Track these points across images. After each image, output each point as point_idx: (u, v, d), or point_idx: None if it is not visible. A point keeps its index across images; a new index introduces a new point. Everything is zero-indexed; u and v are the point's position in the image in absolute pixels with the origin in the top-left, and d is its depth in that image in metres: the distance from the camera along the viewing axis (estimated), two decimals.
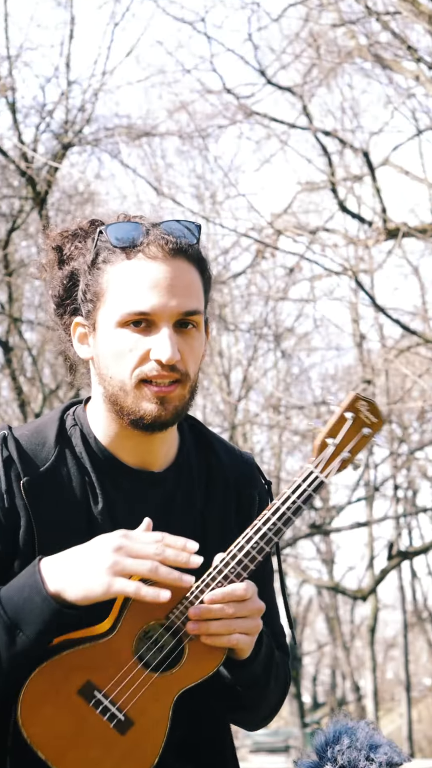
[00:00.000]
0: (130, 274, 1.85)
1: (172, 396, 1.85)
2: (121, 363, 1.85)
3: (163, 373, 1.83)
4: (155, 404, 1.84)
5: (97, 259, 1.89)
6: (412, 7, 9.78)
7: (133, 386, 1.84)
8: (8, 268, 14.06)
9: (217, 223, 13.77)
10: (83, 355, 1.94)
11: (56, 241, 1.98)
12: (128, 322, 1.84)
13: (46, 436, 1.91)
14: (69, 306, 1.96)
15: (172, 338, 1.83)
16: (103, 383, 1.89)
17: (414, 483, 23.05)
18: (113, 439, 1.92)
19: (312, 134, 12.71)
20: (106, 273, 1.87)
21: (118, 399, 1.87)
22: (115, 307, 1.85)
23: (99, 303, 1.88)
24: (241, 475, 2.04)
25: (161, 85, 15.14)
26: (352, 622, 32.44)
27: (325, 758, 1.62)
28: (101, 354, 1.88)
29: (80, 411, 1.97)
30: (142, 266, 1.85)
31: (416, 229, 11.20)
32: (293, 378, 21.54)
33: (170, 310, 1.84)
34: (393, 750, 1.61)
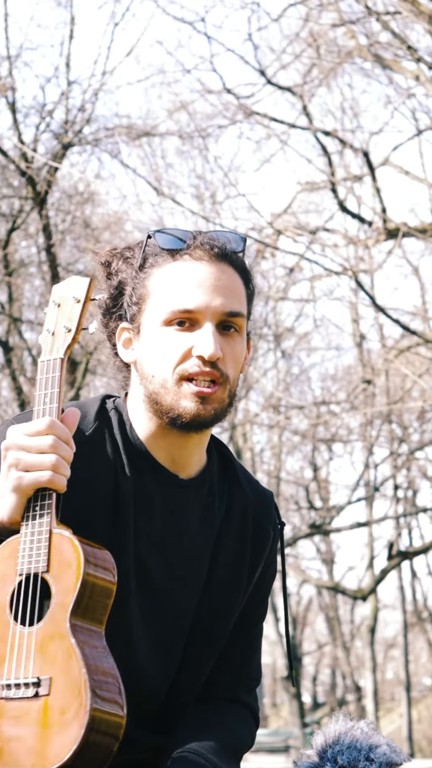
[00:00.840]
0: (176, 274, 1.88)
1: (212, 397, 1.87)
2: (164, 360, 1.87)
3: (205, 370, 1.85)
4: (195, 403, 1.86)
5: (144, 264, 1.92)
6: (412, 7, 9.78)
7: (174, 383, 1.86)
8: (8, 268, 14.07)
9: (217, 223, 13.76)
10: (127, 359, 1.96)
11: (105, 257, 2.00)
12: (172, 320, 1.87)
13: (87, 411, 1.95)
14: (115, 313, 1.98)
15: (215, 335, 1.85)
16: (144, 383, 1.91)
17: (414, 483, 23.05)
18: (148, 435, 1.94)
19: (312, 134, 12.72)
20: (152, 276, 1.90)
21: (158, 397, 1.88)
22: (159, 307, 1.88)
23: (144, 305, 1.91)
24: (260, 509, 2.05)
25: (161, 85, 15.16)
26: (352, 622, 32.45)
27: (324, 758, 1.62)
28: (144, 354, 1.91)
29: (120, 401, 2.00)
30: (187, 267, 1.88)
31: (416, 229, 11.20)
32: (293, 378, 21.56)
33: (214, 309, 1.86)
34: (392, 750, 1.61)
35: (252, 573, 2.03)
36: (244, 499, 2.03)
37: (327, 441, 19.80)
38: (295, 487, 23.54)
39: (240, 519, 2.01)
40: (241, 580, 2.00)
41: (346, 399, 16.91)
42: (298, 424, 17.97)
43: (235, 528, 2.00)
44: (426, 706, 32.83)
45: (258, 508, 2.05)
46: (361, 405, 16.38)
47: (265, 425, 19.83)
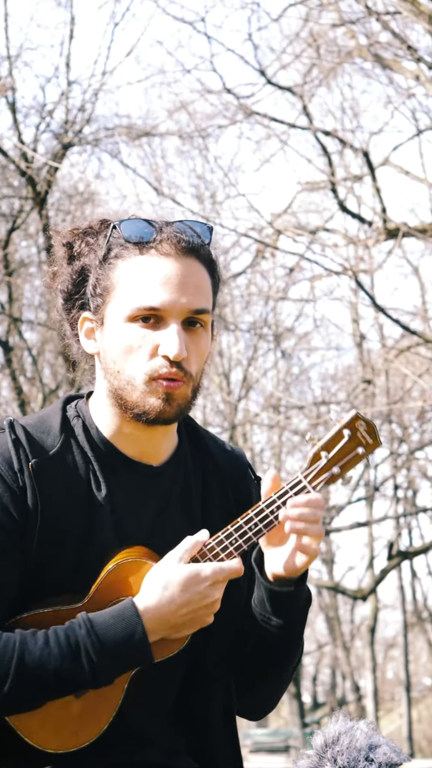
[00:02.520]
0: (141, 270, 1.86)
1: (176, 393, 1.86)
2: (130, 358, 1.86)
3: (171, 371, 1.85)
4: (160, 400, 1.86)
5: (109, 254, 1.89)
6: (412, 7, 9.79)
7: (142, 382, 1.86)
8: (8, 268, 14.07)
9: (217, 223, 13.74)
10: (89, 349, 1.95)
11: (66, 238, 1.97)
12: (137, 317, 1.85)
13: (50, 425, 1.93)
14: (77, 301, 1.96)
15: (180, 335, 1.84)
16: (108, 377, 1.90)
17: (414, 483, 23.05)
18: (115, 432, 1.94)
19: (312, 134, 12.72)
20: (117, 268, 1.88)
21: (124, 393, 1.88)
22: (124, 301, 1.86)
23: (108, 297, 1.89)
24: (235, 471, 2.07)
25: (161, 85, 15.17)
26: (352, 622, 32.45)
27: (324, 759, 1.62)
28: (108, 348, 1.89)
29: (82, 404, 1.99)
30: (153, 262, 1.86)
31: (416, 229, 11.20)
32: (293, 378, 21.56)
33: (180, 307, 1.85)
34: (392, 750, 1.61)
35: None
36: (219, 467, 2.04)
37: None
38: None
39: (219, 487, 2.03)
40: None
41: (346, 399, 16.92)
42: (298, 424, 17.97)
43: (217, 498, 2.02)
44: (426, 706, 32.84)
45: (233, 471, 2.06)
46: (361, 405, 16.38)
47: (265, 425, 19.82)
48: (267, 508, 1.85)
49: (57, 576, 1.84)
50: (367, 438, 1.90)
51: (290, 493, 1.86)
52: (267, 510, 1.85)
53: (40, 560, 1.84)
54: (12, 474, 1.84)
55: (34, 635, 1.76)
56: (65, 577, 1.85)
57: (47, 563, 1.84)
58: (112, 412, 1.93)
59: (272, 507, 1.85)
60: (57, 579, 1.84)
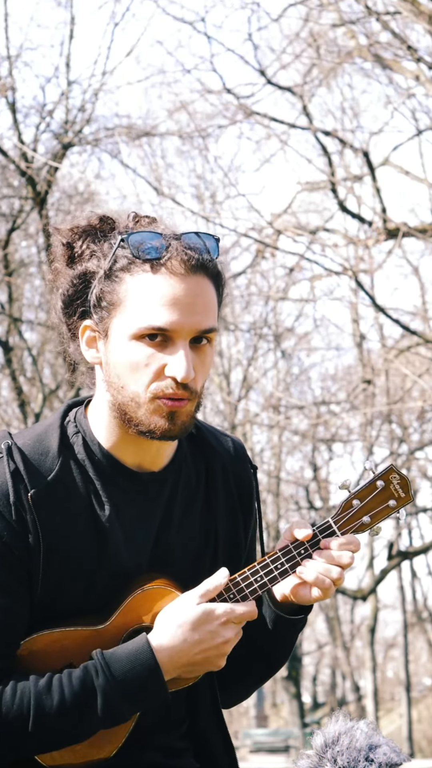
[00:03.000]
0: (150, 288, 1.83)
1: (180, 411, 1.85)
2: (135, 376, 1.84)
3: (178, 392, 1.83)
4: (165, 419, 1.84)
5: (116, 267, 1.86)
6: (412, 7, 9.78)
7: (147, 400, 1.84)
8: (8, 268, 14.07)
9: (217, 223, 13.76)
10: (90, 359, 1.92)
11: (66, 237, 1.94)
12: (144, 335, 1.83)
13: (48, 446, 1.90)
14: (78, 308, 1.92)
15: (188, 357, 1.82)
16: (111, 391, 1.88)
17: (414, 483, 23.05)
18: (116, 443, 1.93)
19: (312, 134, 12.72)
20: (125, 283, 1.85)
21: (127, 409, 1.86)
22: (132, 318, 1.83)
23: (114, 312, 1.86)
24: (234, 460, 2.06)
25: (161, 85, 15.17)
26: (352, 622, 32.44)
27: (324, 759, 1.62)
28: (112, 363, 1.87)
29: (81, 416, 1.97)
30: (162, 281, 1.83)
31: (416, 229, 11.20)
32: (293, 378, 21.56)
33: (189, 327, 1.83)
34: (392, 750, 1.61)
35: (246, 528, 2.05)
36: (220, 460, 2.03)
37: (327, 441, 19.81)
38: (295, 487, 23.55)
39: (223, 481, 2.02)
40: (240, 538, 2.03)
41: (346, 399, 16.92)
42: (298, 424, 17.98)
43: (221, 493, 2.02)
44: (426, 706, 32.83)
45: (234, 462, 2.06)
46: (361, 405, 16.39)
47: (265, 425, 19.82)
48: (295, 549, 1.88)
49: (69, 603, 1.84)
50: (400, 491, 1.97)
51: (319, 537, 1.89)
52: (294, 551, 1.88)
53: (50, 590, 1.83)
54: (9, 509, 1.82)
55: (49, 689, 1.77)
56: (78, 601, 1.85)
57: (57, 592, 1.83)
58: (113, 424, 1.91)
59: (299, 549, 1.88)
60: (70, 605, 1.85)
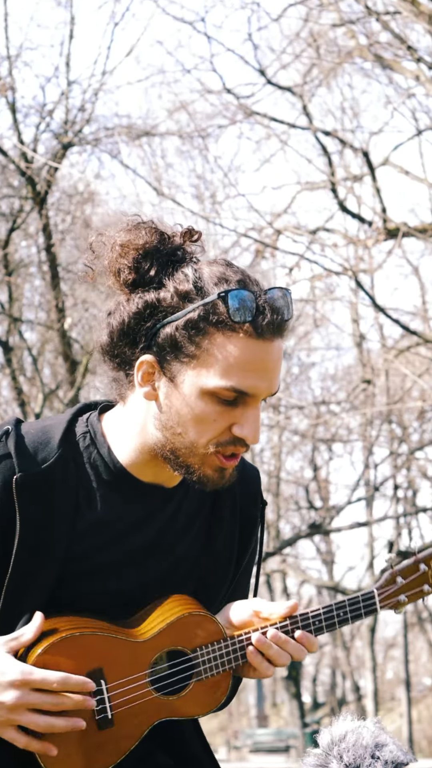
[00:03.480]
0: (241, 351, 1.78)
1: (231, 465, 1.85)
2: (200, 428, 1.80)
3: (240, 449, 1.83)
4: (217, 473, 1.84)
5: (204, 318, 1.80)
6: (412, 7, 9.79)
7: (205, 453, 1.82)
8: (8, 268, 14.07)
9: (217, 223, 13.76)
10: (144, 394, 1.85)
11: (129, 257, 1.86)
12: (221, 394, 1.79)
13: (51, 437, 1.88)
14: (138, 338, 1.85)
15: (258, 420, 1.81)
16: (165, 432, 1.84)
17: (414, 483, 23.04)
18: (134, 462, 1.90)
19: (312, 134, 12.73)
20: (213, 339, 1.79)
21: (180, 454, 1.83)
22: (214, 376, 1.79)
23: (192, 363, 1.80)
24: (246, 491, 2.04)
25: (161, 85, 15.17)
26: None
27: (330, 756, 1.63)
28: (175, 409, 1.82)
29: (94, 420, 1.93)
30: (253, 346, 1.79)
31: (416, 229, 11.20)
32: (293, 378, 21.56)
33: (266, 392, 1.82)
34: (399, 749, 1.62)
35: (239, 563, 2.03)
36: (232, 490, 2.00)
37: (327, 441, 19.80)
38: (295, 487, 23.55)
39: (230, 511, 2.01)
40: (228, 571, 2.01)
41: (346, 399, 16.93)
42: (298, 424, 17.98)
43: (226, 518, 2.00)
44: (426, 706, 32.84)
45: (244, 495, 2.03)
46: (361, 405, 16.39)
47: (265, 425, 19.80)
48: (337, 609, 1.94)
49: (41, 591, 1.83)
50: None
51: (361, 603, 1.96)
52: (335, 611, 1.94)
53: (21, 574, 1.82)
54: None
55: None
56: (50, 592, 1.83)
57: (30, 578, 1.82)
58: (144, 449, 1.88)
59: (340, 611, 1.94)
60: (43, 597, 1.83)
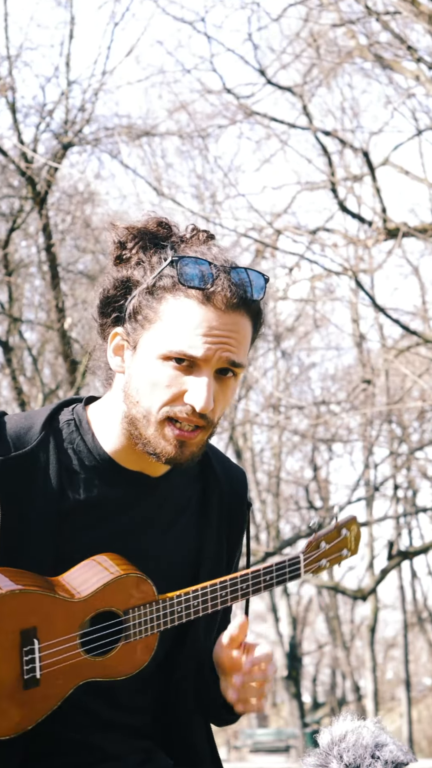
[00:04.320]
0: (189, 315, 1.82)
1: (191, 441, 1.85)
2: (153, 394, 1.83)
3: (191, 418, 1.83)
4: (174, 446, 1.84)
5: (159, 284, 1.84)
6: (412, 7, 9.79)
7: (157, 420, 1.83)
8: (8, 268, 14.07)
9: (217, 223, 13.75)
10: (114, 366, 1.91)
11: (121, 236, 1.92)
12: (172, 358, 1.82)
13: (33, 423, 1.91)
14: (113, 312, 1.91)
15: (210, 387, 1.81)
16: (127, 402, 1.87)
17: (414, 483, 23.04)
18: (119, 448, 1.92)
19: (312, 134, 12.72)
20: (165, 302, 1.83)
21: (138, 424, 1.86)
22: (164, 339, 1.83)
23: (148, 327, 1.85)
24: (233, 490, 2.05)
25: (161, 85, 15.15)
26: (352, 622, 32.43)
27: (330, 755, 1.63)
28: (134, 376, 1.86)
29: (80, 409, 1.97)
30: (202, 311, 1.81)
31: (416, 229, 11.20)
32: (293, 378, 21.56)
33: (217, 359, 1.82)
34: (399, 749, 1.62)
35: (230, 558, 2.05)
36: (219, 490, 2.02)
37: (327, 441, 19.79)
38: (295, 487, 23.55)
39: (217, 511, 2.02)
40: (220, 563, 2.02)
41: (346, 399, 16.92)
42: (298, 424, 17.98)
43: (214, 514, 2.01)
44: (426, 706, 32.84)
45: (231, 495, 2.04)
46: (361, 405, 16.38)
47: (265, 425, 19.83)
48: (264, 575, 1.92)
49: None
50: (353, 543, 2.02)
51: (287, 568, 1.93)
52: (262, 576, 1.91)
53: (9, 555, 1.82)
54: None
55: None
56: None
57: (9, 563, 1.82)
58: (120, 431, 1.91)
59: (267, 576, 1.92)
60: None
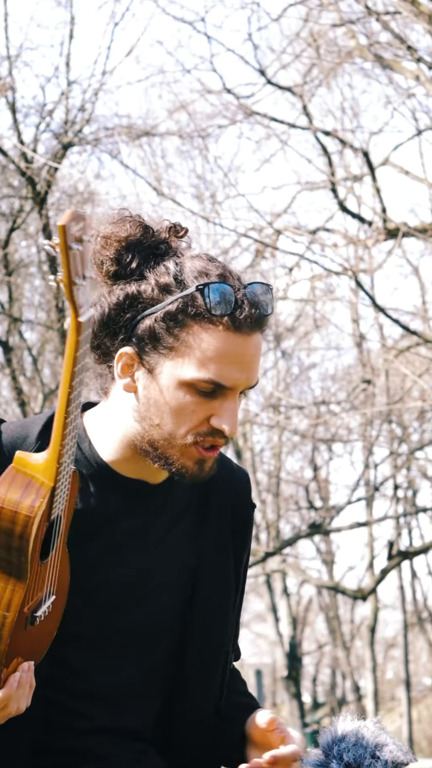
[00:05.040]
0: (219, 344, 1.79)
1: (211, 458, 1.85)
2: (178, 419, 1.81)
3: (217, 440, 1.83)
4: (196, 464, 1.84)
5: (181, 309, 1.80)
6: (412, 7, 9.79)
7: (184, 444, 1.82)
8: (8, 268, 14.08)
9: (217, 223, 13.77)
10: (123, 386, 1.87)
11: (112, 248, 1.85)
12: (199, 386, 1.80)
13: (30, 431, 1.89)
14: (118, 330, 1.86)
15: (236, 411, 1.82)
16: (143, 424, 1.85)
17: (414, 483, 23.03)
18: (118, 458, 1.90)
19: (312, 134, 12.72)
20: (190, 330, 1.80)
21: (158, 446, 1.84)
22: (192, 368, 1.80)
23: (170, 354, 1.81)
24: (236, 492, 2.04)
25: (161, 85, 15.14)
26: (352, 622, 32.42)
27: (330, 755, 1.63)
28: (153, 400, 1.83)
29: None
30: (231, 339, 1.80)
31: (416, 229, 11.20)
32: (293, 378, 21.56)
33: (244, 385, 1.82)
34: (399, 749, 1.62)
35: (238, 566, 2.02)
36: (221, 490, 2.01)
37: (327, 441, 19.79)
38: (295, 487, 23.53)
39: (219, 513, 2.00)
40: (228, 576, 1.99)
41: (346, 399, 16.92)
42: (298, 424, 17.97)
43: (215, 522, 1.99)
44: (426, 706, 32.83)
45: (235, 496, 2.03)
46: (361, 405, 16.39)
47: (265, 425, 19.82)
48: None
49: None
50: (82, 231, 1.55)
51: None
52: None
53: None
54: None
55: None
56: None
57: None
58: (125, 443, 1.89)
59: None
60: None
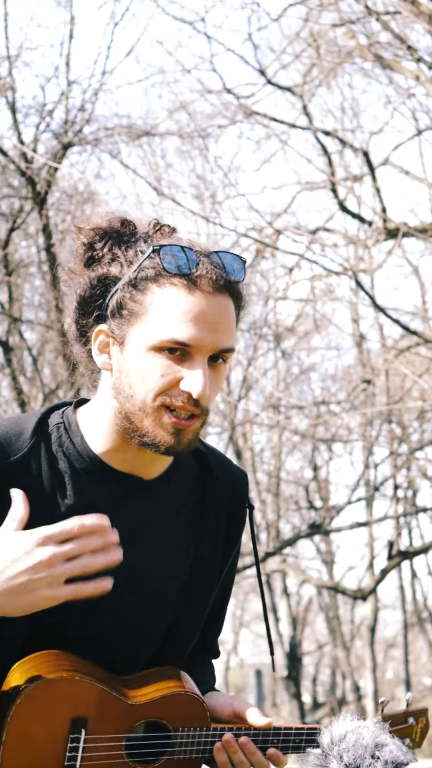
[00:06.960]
0: (177, 302, 1.83)
1: (188, 429, 1.85)
2: (147, 384, 1.84)
3: (188, 406, 1.83)
4: (171, 435, 1.84)
5: (142, 276, 1.86)
6: (412, 7, 9.79)
7: (154, 409, 1.84)
8: (8, 268, 14.07)
9: (217, 223, 13.75)
10: (101, 364, 1.92)
11: (88, 237, 1.94)
12: (164, 347, 1.83)
13: (23, 429, 1.90)
14: (93, 311, 1.92)
15: (206, 374, 1.82)
16: (119, 398, 1.88)
17: (414, 483, 23.03)
18: (108, 449, 1.92)
19: (312, 134, 12.72)
20: (151, 293, 1.85)
21: (134, 418, 1.86)
22: (154, 330, 1.83)
23: (135, 320, 1.86)
24: (233, 494, 2.05)
25: (161, 85, 15.14)
26: (352, 622, 32.41)
27: (330, 756, 1.63)
28: (126, 371, 1.86)
29: (69, 412, 1.96)
30: (190, 296, 1.83)
31: (416, 229, 11.20)
32: (293, 378, 21.55)
33: (210, 345, 1.84)
34: (399, 749, 1.62)
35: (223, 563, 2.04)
36: (218, 491, 2.02)
37: (327, 441, 19.79)
38: (295, 487, 23.53)
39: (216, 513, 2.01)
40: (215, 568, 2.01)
41: (346, 399, 16.92)
42: (298, 424, 17.97)
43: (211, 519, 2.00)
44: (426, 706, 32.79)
45: (231, 497, 2.04)
46: (361, 405, 16.38)
47: (265, 425, 19.82)
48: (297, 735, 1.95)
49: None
50: (418, 735, 2.00)
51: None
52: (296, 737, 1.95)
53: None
54: None
55: None
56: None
57: None
58: (112, 430, 1.91)
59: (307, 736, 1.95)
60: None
